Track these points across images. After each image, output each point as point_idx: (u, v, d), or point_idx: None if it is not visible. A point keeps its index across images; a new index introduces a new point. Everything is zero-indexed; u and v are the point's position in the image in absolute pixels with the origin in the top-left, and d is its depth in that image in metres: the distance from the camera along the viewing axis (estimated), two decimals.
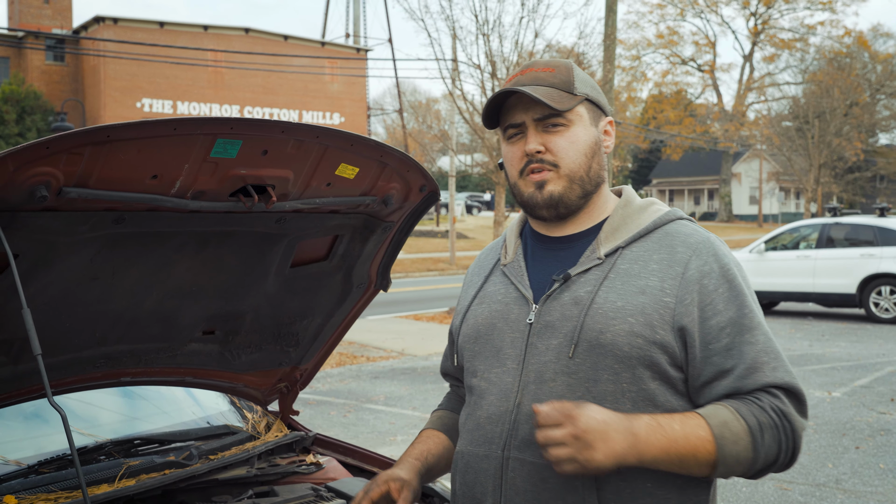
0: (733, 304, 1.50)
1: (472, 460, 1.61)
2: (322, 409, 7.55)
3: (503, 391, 1.58)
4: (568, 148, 1.58)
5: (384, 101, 58.53)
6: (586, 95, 1.61)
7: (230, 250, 2.08)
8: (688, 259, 1.53)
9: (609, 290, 1.52)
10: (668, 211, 1.65)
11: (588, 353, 1.50)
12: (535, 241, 1.70)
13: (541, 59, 1.56)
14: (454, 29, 15.32)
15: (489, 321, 1.66)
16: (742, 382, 1.48)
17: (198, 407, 2.76)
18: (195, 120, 1.65)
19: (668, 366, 1.49)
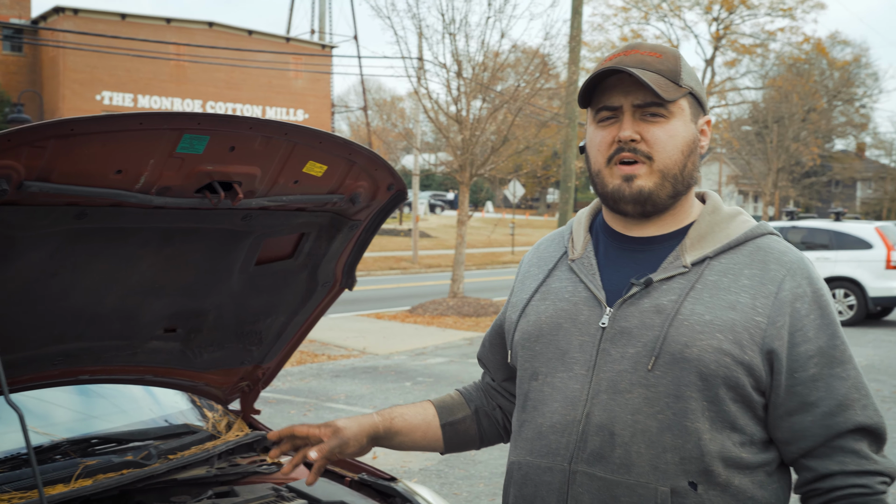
0: (824, 332, 1.41)
1: (533, 472, 1.49)
2: (282, 407, 7.50)
3: (570, 399, 1.47)
4: (666, 141, 1.45)
5: (349, 98, 58.30)
6: (691, 89, 1.48)
7: (194, 247, 2.05)
8: (782, 278, 1.42)
9: (696, 301, 1.41)
10: (758, 224, 1.54)
11: (670, 366, 1.39)
12: (609, 238, 1.57)
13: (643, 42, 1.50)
14: (420, 27, 15.30)
15: (554, 320, 1.53)
16: (832, 421, 1.39)
17: (157, 406, 2.72)
18: (162, 114, 1.62)
19: (752, 389, 1.40)
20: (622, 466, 1.40)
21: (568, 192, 16.96)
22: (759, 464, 1.42)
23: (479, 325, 13.37)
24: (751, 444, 1.42)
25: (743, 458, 1.40)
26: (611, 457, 1.41)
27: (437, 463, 5.86)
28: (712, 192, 1.60)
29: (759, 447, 1.43)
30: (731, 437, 1.39)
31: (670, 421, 1.39)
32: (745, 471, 1.40)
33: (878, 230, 14.12)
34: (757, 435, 1.42)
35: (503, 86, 16.78)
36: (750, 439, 1.42)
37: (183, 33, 31.27)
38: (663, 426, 1.39)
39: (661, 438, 1.39)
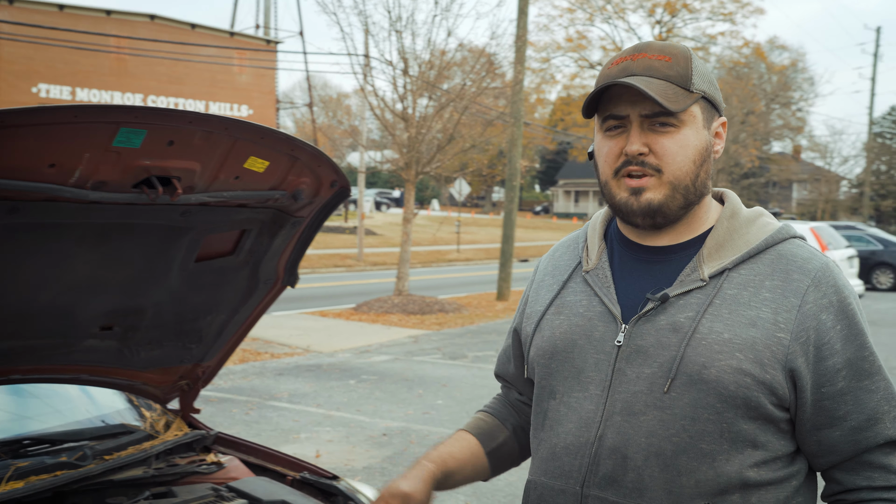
0: (852, 343, 1.34)
1: (547, 493, 1.46)
2: (224, 406, 7.40)
3: (584, 420, 1.42)
4: (676, 152, 1.37)
5: (294, 94, 57.76)
6: (703, 93, 1.40)
7: (132, 243, 2.01)
8: (805, 289, 1.35)
9: (714, 318, 1.35)
10: (780, 227, 1.45)
11: (687, 388, 1.34)
12: (624, 248, 1.50)
13: (652, 42, 1.42)
14: (367, 24, 15.24)
15: (569, 337, 1.48)
16: (861, 436, 1.34)
17: (93, 405, 2.66)
18: (97, 107, 1.59)
19: (774, 407, 1.34)
20: (635, 490, 1.36)
21: (513, 191, 17.06)
22: (781, 479, 1.37)
23: (424, 323, 13.38)
24: (774, 460, 1.37)
25: (763, 476, 1.35)
26: (623, 480, 1.37)
27: (381, 461, 5.85)
28: (731, 192, 1.52)
29: (783, 461, 1.38)
30: (752, 456, 1.34)
31: (686, 444, 1.34)
32: (766, 487, 1.35)
33: (812, 230, 14.53)
34: (781, 450, 1.37)
35: (449, 84, 16.80)
36: (773, 455, 1.36)
37: (124, 26, 30.63)
38: (678, 449, 1.34)
39: (676, 462, 1.34)
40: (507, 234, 17.04)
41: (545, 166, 70.84)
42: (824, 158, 54.29)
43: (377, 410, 7.37)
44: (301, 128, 53.08)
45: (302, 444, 6.23)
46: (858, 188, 53.67)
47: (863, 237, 21.71)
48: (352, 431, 6.64)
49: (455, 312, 14.67)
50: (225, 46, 32.55)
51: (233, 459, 2.59)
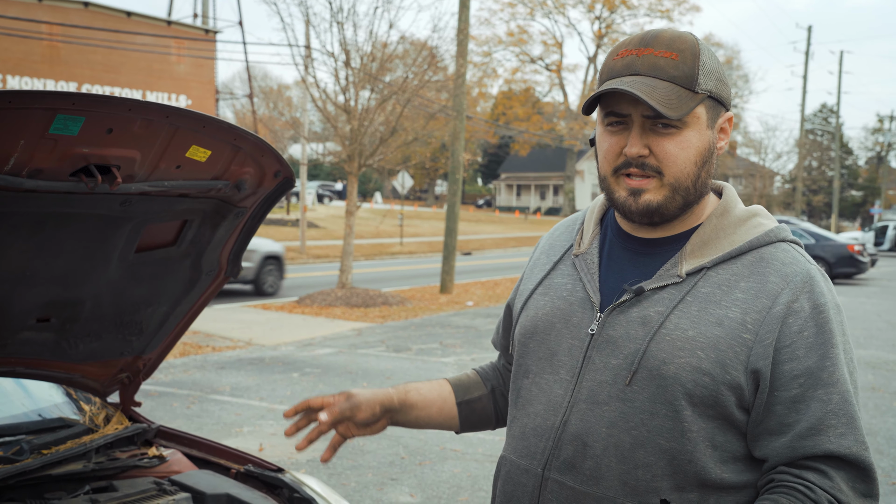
0: (816, 352, 1.31)
1: (514, 471, 1.48)
2: (164, 400, 7.29)
3: (552, 403, 1.44)
4: (677, 155, 1.35)
5: (234, 85, 56.89)
6: (709, 92, 1.36)
7: (69, 233, 1.97)
8: (778, 292, 1.33)
9: (682, 315, 1.34)
10: (771, 229, 1.42)
11: (647, 382, 1.34)
12: (616, 236, 1.50)
13: (661, 33, 1.35)
14: (308, 15, 15.10)
15: (548, 319, 1.49)
16: (799, 443, 1.30)
17: (29, 399, 2.60)
18: (33, 93, 1.55)
19: (735, 407, 1.32)
20: (591, 478, 1.37)
21: (456, 184, 17.10)
22: (743, 484, 1.35)
23: (367, 316, 13.35)
24: (734, 461, 1.35)
25: (725, 477, 1.34)
26: (581, 467, 1.38)
27: None
28: (730, 186, 1.50)
29: (744, 464, 1.36)
30: (712, 456, 1.33)
31: (644, 438, 1.34)
32: (727, 490, 1.34)
33: None
34: (741, 451, 1.35)
35: (392, 77, 16.76)
36: (733, 456, 1.35)
37: (56, 12, 29.77)
38: (637, 442, 1.34)
39: (634, 455, 1.35)
40: (450, 228, 17.08)
41: (487, 160, 71.16)
42: (759, 154, 55.63)
43: None
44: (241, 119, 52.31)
45: (245, 438, 6.17)
46: (791, 183, 55.17)
47: (796, 231, 22.32)
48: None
49: (399, 305, 14.66)
50: (162, 35, 31.90)
51: (175, 453, 2.56)
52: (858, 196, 66.18)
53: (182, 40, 33.52)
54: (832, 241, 22.17)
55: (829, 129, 60.49)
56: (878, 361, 10.01)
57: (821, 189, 59.66)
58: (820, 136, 63.70)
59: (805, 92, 47.44)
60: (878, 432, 6.71)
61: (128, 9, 31.73)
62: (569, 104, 53.16)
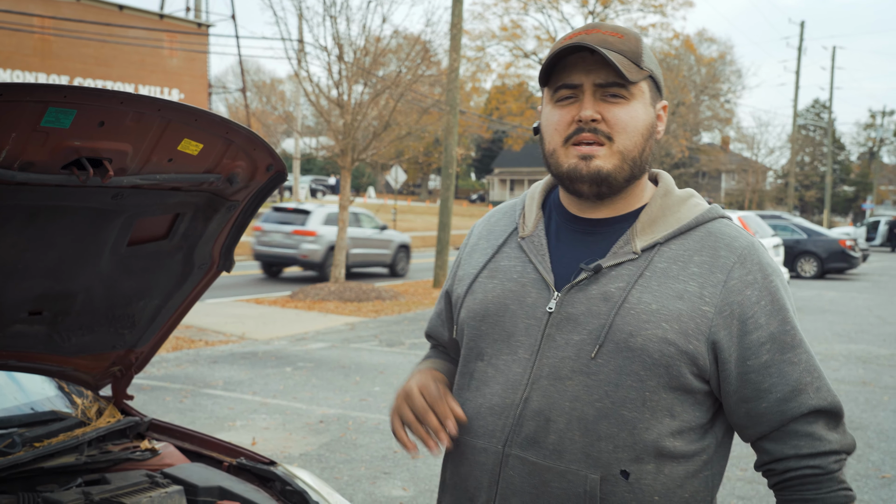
0: (775, 318, 1.40)
1: (468, 451, 1.49)
2: (157, 394, 7.28)
3: (510, 382, 1.46)
4: (627, 122, 1.41)
5: (226, 79, 56.72)
6: (651, 72, 1.45)
7: (61, 226, 1.96)
8: (731, 265, 1.41)
9: (644, 290, 1.40)
10: (710, 207, 1.51)
11: (613, 355, 1.38)
12: (561, 218, 1.54)
13: (605, 22, 1.37)
14: (301, 9, 15.07)
15: (500, 300, 1.50)
16: (786, 406, 1.39)
17: (21, 392, 2.60)
18: (25, 86, 1.55)
19: (693, 377, 1.39)
20: (555, 452, 1.40)
21: (449, 179, 17.10)
22: (693, 452, 1.42)
23: (360, 311, 13.35)
24: (688, 431, 1.41)
25: (677, 447, 1.40)
26: (544, 442, 1.41)
27: (318, 448, 5.84)
28: (665, 172, 1.57)
29: (695, 433, 1.42)
30: (668, 426, 1.39)
31: (608, 409, 1.38)
32: (678, 459, 1.40)
33: (740, 219, 14.93)
34: (694, 421, 1.42)
35: (385, 71, 16.73)
36: (687, 426, 1.41)
37: (48, 5, 29.63)
38: (600, 414, 1.38)
39: (597, 426, 1.38)
40: (443, 222, 17.09)
41: (481, 155, 71.11)
42: (751, 149, 55.75)
43: (314, 398, 7.34)
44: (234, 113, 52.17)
45: (238, 432, 6.18)
46: (784, 179, 55.30)
47: (788, 226, 22.39)
48: (288, 419, 6.60)
49: (392, 300, 14.67)
50: (154, 29, 31.77)
51: (168, 446, 2.56)
52: (850, 191, 66.41)
53: (174, 34, 33.40)
54: (824, 237, 22.24)
55: (822, 125, 60.66)
56: (869, 356, 10.06)
57: (813, 184, 59.80)
58: (812, 131, 63.87)
59: (798, 87, 47.56)
60: (868, 426, 6.74)
61: (120, 2, 31.60)
62: None
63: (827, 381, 1.43)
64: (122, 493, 2.20)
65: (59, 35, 29.34)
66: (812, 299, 16.58)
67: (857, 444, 6.19)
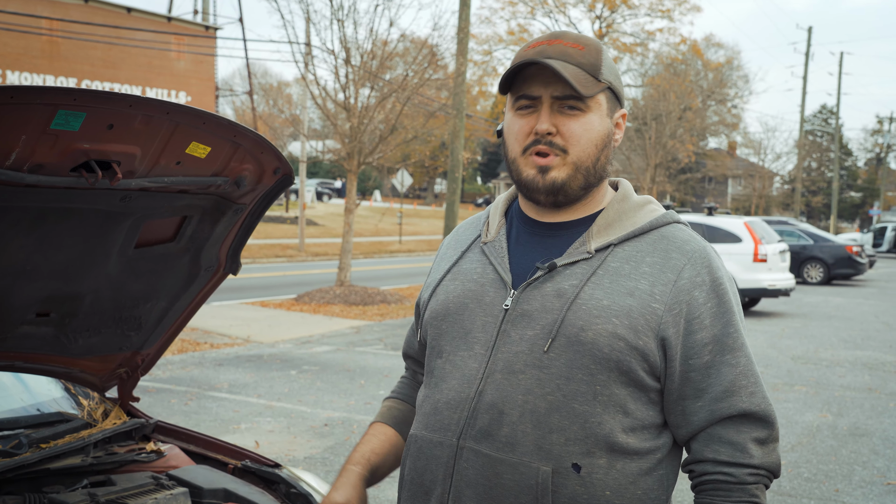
0: (720, 320, 1.45)
1: (425, 446, 1.52)
2: (162, 396, 7.30)
3: (466, 377, 1.49)
4: (581, 135, 1.47)
5: (234, 82, 56.85)
6: (609, 84, 1.50)
7: (70, 228, 1.97)
8: (682, 267, 1.46)
9: (596, 286, 1.44)
10: (665, 213, 1.56)
11: (565, 349, 1.42)
12: (522, 224, 1.60)
13: (568, 31, 1.50)
14: (308, 12, 15.10)
15: (460, 300, 1.55)
16: (717, 406, 1.43)
17: (28, 393, 2.61)
18: (35, 89, 1.56)
19: (645, 374, 1.43)
20: (507, 445, 1.42)
21: (455, 183, 17.11)
22: (647, 450, 1.44)
23: (365, 314, 13.36)
24: (642, 430, 1.44)
25: (630, 443, 1.42)
26: (497, 435, 1.43)
27: (323, 451, 5.84)
28: (625, 180, 1.62)
29: (650, 432, 1.46)
30: (621, 422, 1.42)
31: (559, 402, 1.41)
32: (631, 456, 1.43)
33: (746, 225, 14.90)
34: (648, 420, 1.45)
35: (392, 75, 16.76)
36: (641, 424, 1.44)
37: (56, 8, 29.74)
38: (552, 407, 1.41)
39: (549, 419, 1.41)
40: (448, 226, 17.09)
41: (487, 158, 71.13)
42: (758, 155, 55.62)
43: (318, 401, 7.35)
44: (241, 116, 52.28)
45: (242, 435, 6.18)
46: (790, 184, 55.16)
47: (794, 232, 22.34)
48: (293, 422, 6.61)
49: (397, 303, 14.68)
50: (162, 31, 31.89)
51: (173, 448, 2.57)
52: (857, 197, 66.23)
53: (182, 36, 33.51)
54: (830, 242, 22.19)
55: (829, 130, 60.53)
56: (876, 363, 10.03)
57: (820, 190, 59.67)
58: (819, 137, 63.72)
59: (805, 93, 47.46)
60: (874, 433, 6.72)
61: (128, 4, 31.72)
62: None
63: (764, 389, 1.47)
64: (128, 494, 2.21)
65: (67, 37, 29.46)
66: (818, 305, 16.53)
67: (863, 451, 6.17)
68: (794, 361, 10.00)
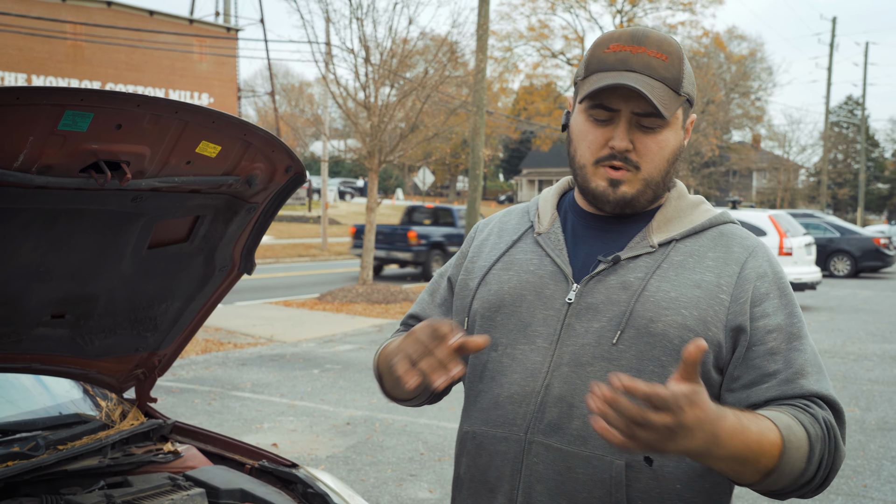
0: (783, 310, 1.44)
1: (487, 441, 1.49)
2: (185, 396, 7.33)
3: (530, 370, 1.47)
4: (656, 153, 1.46)
5: (255, 82, 57.16)
6: (688, 96, 1.47)
7: (82, 229, 1.97)
8: (744, 259, 1.46)
9: (662, 279, 1.44)
10: (721, 212, 1.57)
11: (635, 340, 1.41)
12: (577, 217, 1.58)
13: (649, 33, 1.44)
14: (328, 12, 15.13)
15: (517, 291, 1.52)
16: (786, 387, 1.40)
17: (47, 395, 2.62)
18: (41, 89, 1.55)
19: (712, 367, 1.41)
20: (579, 438, 1.40)
21: (476, 180, 17.07)
22: None
23: (388, 312, 13.36)
24: None
25: None
26: (568, 428, 1.41)
27: (345, 450, 5.84)
28: (679, 181, 1.60)
29: None
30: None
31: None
32: None
33: (771, 218, 14.75)
34: None
35: (412, 73, 16.75)
36: None
37: (80, 12, 30.05)
38: None
39: None
40: (471, 224, 17.06)
41: (508, 155, 71.00)
42: (783, 147, 55.08)
43: (341, 399, 7.35)
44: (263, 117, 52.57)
45: (265, 434, 6.20)
46: (816, 177, 54.56)
47: (820, 225, 22.08)
48: (315, 421, 6.62)
49: None
50: (184, 34, 32.13)
51: (190, 448, 2.57)
52: (885, 189, 65.35)
53: (204, 38, 33.75)
54: (857, 235, 21.91)
55: (855, 122, 59.77)
56: None
57: (846, 182, 58.95)
58: (845, 128, 62.95)
59: (830, 84, 46.91)
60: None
61: (150, 7, 31.99)
62: None
63: (828, 378, 1.44)
64: (145, 495, 2.21)
65: (90, 41, 29.76)
66: (845, 298, 16.32)
67: (892, 446, 6.08)
68: (822, 355, 9.84)
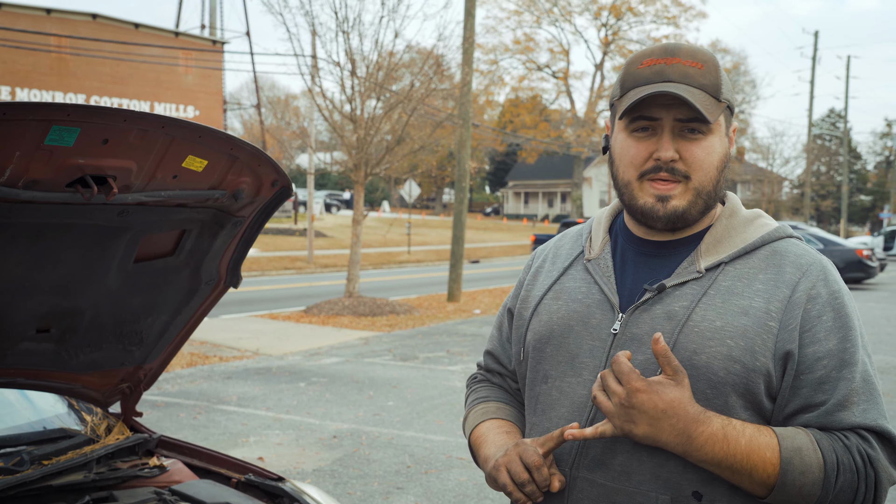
0: (835, 335, 1.36)
1: None
2: (170, 410, 7.29)
3: (576, 404, 1.45)
4: (703, 159, 1.40)
5: (241, 95, 57.15)
6: (729, 102, 1.43)
7: (68, 244, 1.97)
8: (796, 281, 1.39)
9: (708, 307, 1.38)
10: (777, 227, 1.49)
11: None
12: (627, 241, 1.54)
13: (681, 44, 1.42)
14: (314, 25, 15.15)
15: (565, 322, 1.50)
16: (827, 419, 1.35)
17: (31, 409, 2.61)
18: (28, 105, 1.56)
19: (764, 396, 1.36)
20: (623, 474, 1.38)
21: (463, 193, 17.11)
22: None
23: (374, 325, 13.35)
24: None
25: None
26: (612, 463, 1.39)
27: (332, 463, 5.82)
28: (732, 193, 1.55)
29: None
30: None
31: None
32: None
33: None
34: None
35: (398, 85, 16.79)
36: None
37: (65, 25, 29.98)
38: None
39: None
40: (457, 236, 17.08)
41: (495, 168, 71.20)
42: (766, 160, 55.44)
43: (327, 413, 7.33)
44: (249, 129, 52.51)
45: (251, 448, 6.17)
46: (799, 189, 54.99)
47: (804, 236, 22.21)
48: (301, 434, 6.59)
49: (406, 314, 14.66)
50: (170, 46, 32.10)
51: (176, 463, 2.56)
52: (867, 200, 65.94)
53: (190, 51, 33.72)
54: (841, 246, 22.08)
55: (838, 134, 60.30)
56: (888, 367, 9.95)
57: (829, 194, 59.42)
58: (828, 140, 63.50)
59: (812, 97, 47.36)
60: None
61: (136, 20, 31.95)
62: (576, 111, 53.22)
63: (881, 405, 1.38)
64: None
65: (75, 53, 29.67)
66: None
67: None
68: None
